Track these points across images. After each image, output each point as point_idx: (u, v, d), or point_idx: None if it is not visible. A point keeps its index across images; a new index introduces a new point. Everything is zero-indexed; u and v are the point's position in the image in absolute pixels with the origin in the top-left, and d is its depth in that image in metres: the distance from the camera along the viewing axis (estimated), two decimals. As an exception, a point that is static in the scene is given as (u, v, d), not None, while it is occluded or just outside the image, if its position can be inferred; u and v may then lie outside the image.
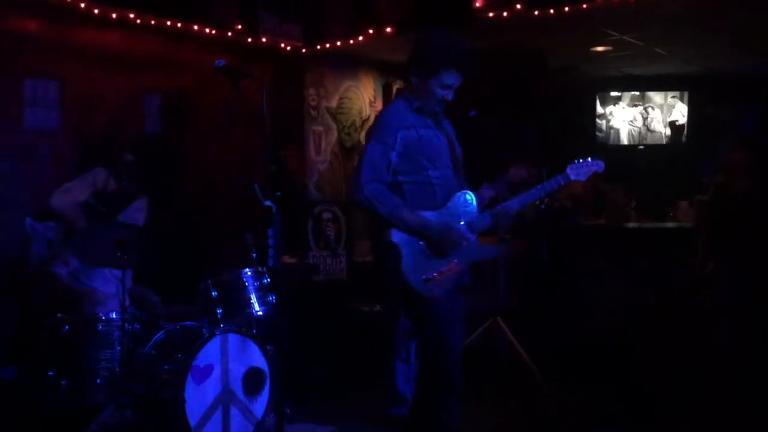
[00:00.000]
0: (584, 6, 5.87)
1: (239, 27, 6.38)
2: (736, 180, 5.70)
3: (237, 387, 4.55)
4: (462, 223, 3.63)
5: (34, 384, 4.73)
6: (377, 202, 3.50)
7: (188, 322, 4.78)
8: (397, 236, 3.52)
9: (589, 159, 4.20)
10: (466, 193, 3.72)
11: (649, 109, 8.60)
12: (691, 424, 4.87)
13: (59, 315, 4.62)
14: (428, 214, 3.59)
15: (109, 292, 5.06)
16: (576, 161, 4.16)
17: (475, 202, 3.72)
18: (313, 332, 6.22)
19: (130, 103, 6.01)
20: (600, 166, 4.22)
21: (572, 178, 4.10)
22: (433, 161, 3.64)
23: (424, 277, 3.53)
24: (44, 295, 5.24)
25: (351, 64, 7.60)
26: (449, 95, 3.70)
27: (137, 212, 5.13)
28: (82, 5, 5.44)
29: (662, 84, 8.52)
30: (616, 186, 7.85)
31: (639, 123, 8.65)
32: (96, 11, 5.55)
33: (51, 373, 4.52)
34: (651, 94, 8.58)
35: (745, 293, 5.40)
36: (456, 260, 3.61)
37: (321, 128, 7.41)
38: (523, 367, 5.77)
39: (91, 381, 4.50)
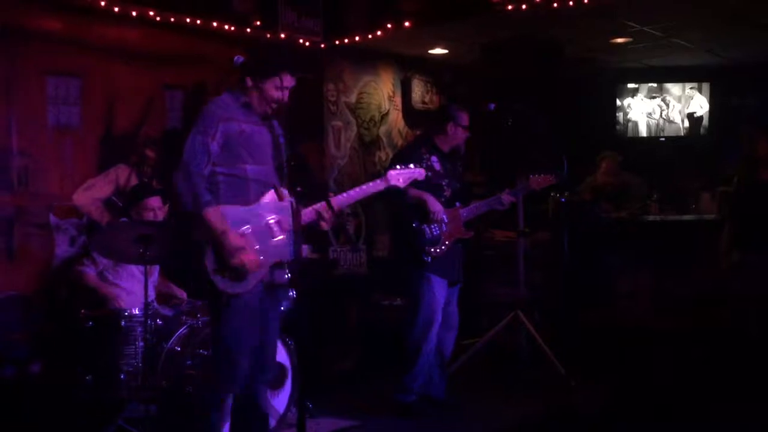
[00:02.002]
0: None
1: (258, 23, 6.39)
2: (759, 170, 5.66)
3: (259, 381, 4.57)
4: (272, 220, 3.66)
5: (60, 379, 4.77)
6: (189, 196, 3.54)
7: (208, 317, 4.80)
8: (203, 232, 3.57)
9: (411, 165, 4.23)
10: (282, 190, 3.73)
11: (668, 101, 8.54)
12: (719, 416, 4.84)
13: (83, 311, 4.65)
14: (238, 210, 3.62)
15: (136, 289, 5.09)
16: (399, 166, 4.20)
17: (289, 203, 3.70)
18: (334, 326, 6.24)
19: (151, 99, 6.04)
20: (420, 174, 4.26)
21: (392, 183, 4.15)
22: (253, 156, 3.68)
23: (225, 272, 3.56)
24: (69, 292, 5.29)
25: (370, 58, 7.59)
26: (285, 96, 3.74)
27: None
28: (103, 3, 5.47)
29: (682, 75, 8.45)
30: (637, 178, 7.81)
31: (657, 115, 8.59)
32: (116, 9, 5.58)
33: (76, 369, 4.56)
34: (669, 85, 8.51)
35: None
36: (266, 260, 3.64)
37: (340, 123, 7.41)
38: (545, 360, 5.76)
39: (115, 376, 4.52)
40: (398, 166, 4.24)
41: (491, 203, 5.29)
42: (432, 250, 4.98)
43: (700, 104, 8.45)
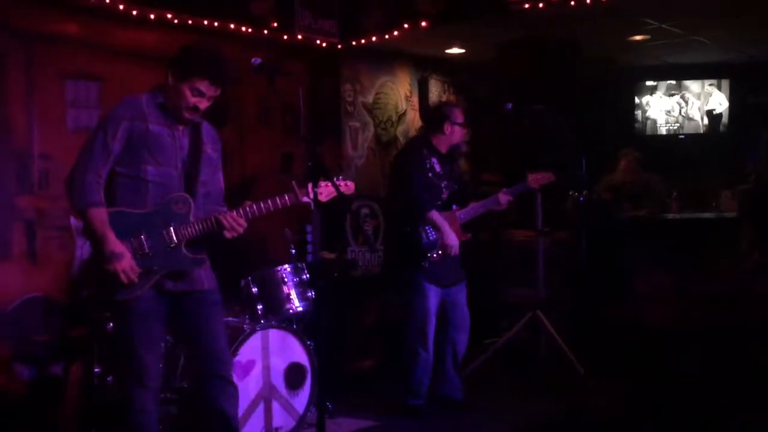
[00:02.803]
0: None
1: (275, 24, 6.41)
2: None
3: (278, 382, 4.59)
4: (170, 227, 3.52)
5: (81, 380, 4.81)
6: (75, 193, 3.44)
7: (229, 318, 4.82)
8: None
9: (341, 177, 3.95)
10: (183, 196, 3.58)
11: (687, 98, 8.48)
12: (739, 416, 4.80)
13: (104, 312, 4.68)
14: (134, 214, 3.49)
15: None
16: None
17: (187, 210, 3.57)
18: (353, 327, 6.25)
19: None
20: (351, 187, 3.95)
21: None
22: (156, 158, 3.53)
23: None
24: (90, 294, 5.33)
25: (386, 59, 7.60)
26: (201, 103, 3.56)
27: None
28: (121, 7, 5.51)
29: (701, 72, 8.39)
30: (656, 176, 7.76)
31: (676, 112, 8.54)
32: (134, 12, 5.61)
33: (97, 370, 4.59)
34: (687, 82, 8.45)
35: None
36: (154, 265, 3.50)
37: (357, 124, 7.42)
38: (564, 360, 5.73)
39: (135, 377, 4.55)
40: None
41: (488, 204, 5.21)
42: (430, 254, 4.92)
43: (719, 101, 8.39)
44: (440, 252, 4.95)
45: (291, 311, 4.82)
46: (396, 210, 5.15)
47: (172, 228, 3.53)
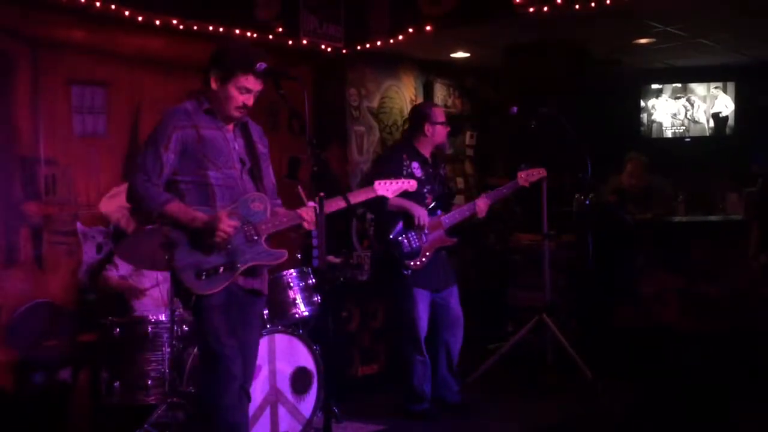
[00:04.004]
0: (626, -2, 5.81)
1: (280, 29, 6.42)
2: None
3: (285, 386, 4.59)
4: (244, 225, 3.55)
5: (88, 386, 4.82)
6: (145, 201, 3.48)
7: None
8: (173, 231, 3.49)
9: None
10: (259, 195, 3.64)
11: (693, 101, 8.47)
12: (747, 418, 4.79)
13: (110, 318, 4.70)
14: (207, 212, 3.52)
15: (158, 294, 5.14)
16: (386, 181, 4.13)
17: (264, 207, 3.63)
18: (358, 331, 6.25)
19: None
20: (412, 185, 4.18)
21: (379, 193, 4.10)
22: (215, 162, 3.57)
23: (195, 272, 3.48)
24: (97, 299, 5.35)
25: (391, 63, 7.60)
26: (249, 100, 3.63)
27: None
28: (127, 12, 5.52)
29: (706, 75, 8.38)
30: (663, 180, 7.75)
31: (681, 115, 8.52)
32: (140, 18, 5.62)
33: (104, 375, 4.60)
34: (693, 85, 8.44)
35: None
36: (236, 259, 3.54)
37: (363, 128, 7.42)
38: (572, 363, 5.72)
39: (142, 382, 4.57)
40: (385, 181, 4.12)
41: (472, 207, 5.13)
42: (411, 263, 4.88)
43: (725, 104, 8.38)
44: (423, 260, 4.92)
45: (297, 316, 4.82)
46: (377, 219, 5.13)
47: (248, 226, 3.57)
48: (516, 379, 6.05)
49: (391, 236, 4.88)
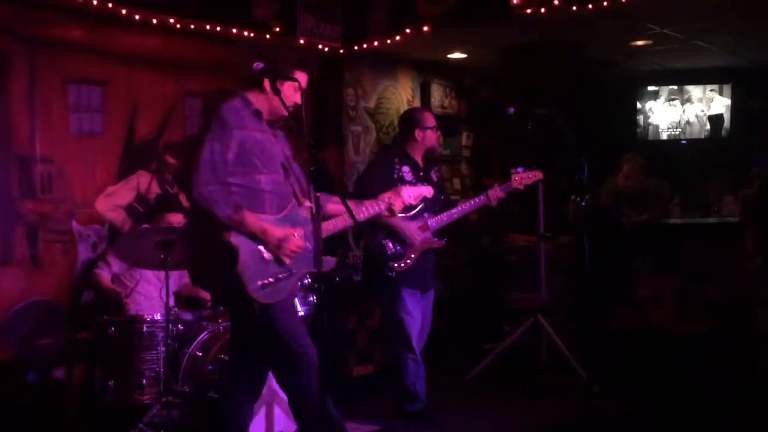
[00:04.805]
0: (623, 0, 5.81)
1: (277, 29, 6.42)
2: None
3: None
4: (296, 232, 3.55)
5: (83, 384, 4.81)
6: (216, 204, 3.40)
7: (230, 322, 4.82)
8: (235, 238, 3.42)
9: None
10: (303, 201, 3.65)
11: (688, 103, 8.48)
12: (743, 421, 4.79)
13: (105, 317, 4.69)
14: (268, 220, 3.51)
15: (152, 293, 5.13)
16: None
17: (308, 213, 3.62)
18: (354, 331, 6.25)
19: (172, 106, 6.08)
20: (429, 191, 4.27)
21: (407, 202, 4.12)
22: (267, 166, 3.56)
23: (260, 282, 3.46)
24: (92, 298, 5.34)
25: (389, 63, 7.60)
26: (299, 99, 3.66)
27: None
28: (124, 11, 5.51)
29: (702, 77, 8.39)
30: (659, 182, 7.76)
31: (678, 117, 8.54)
32: (137, 17, 5.62)
33: (99, 374, 4.59)
34: (689, 87, 8.45)
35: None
36: (294, 269, 3.56)
37: (360, 128, 7.42)
38: (567, 365, 5.72)
39: (137, 381, 4.56)
40: (408, 185, 4.17)
41: (461, 211, 5.08)
42: (396, 265, 4.86)
43: (720, 106, 8.39)
44: (408, 261, 4.91)
45: (293, 315, 4.80)
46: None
47: (300, 233, 3.55)
48: (511, 379, 6.06)
49: (376, 240, 4.87)
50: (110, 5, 5.40)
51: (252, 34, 6.25)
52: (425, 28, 6.55)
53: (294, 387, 3.62)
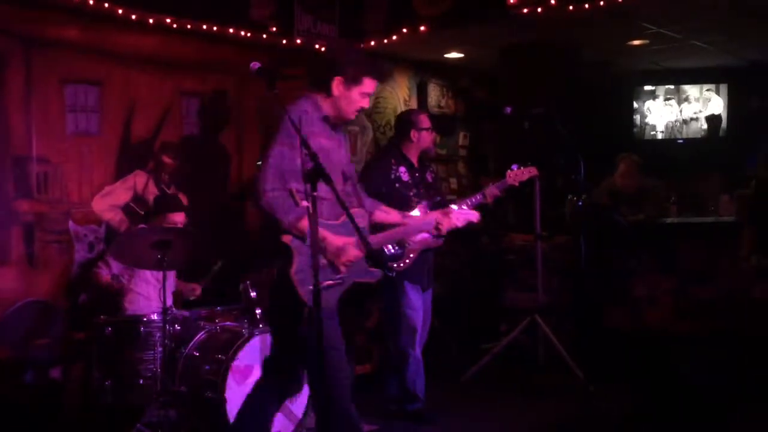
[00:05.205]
0: (620, 0, 5.81)
1: (274, 29, 6.41)
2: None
3: (277, 386, 4.57)
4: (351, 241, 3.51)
5: (80, 384, 4.81)
6: (278, 211, 3.36)
7: (227, 323, 4.83)
8: (292, 241, 3.41)
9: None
10: (357, 212, 3.61)
11: (685, 103, 8.49)
12: (740, 421, 4.80)
13: (102, 317, 4.69)
14: (328, 226, 3.48)
15: (151, 293, 5.13)
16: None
17: (365, 223, 3.63)
18: (354, 330, 6.24)
19: (168, 106, 6.08)
20: (476, 216, 4.32)
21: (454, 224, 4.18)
22: (329, 174, 3.47)
23: (310, 286, 3.38)
24: (88, 297, 5.34)
25: (386, 63, 7.60)
26: (367, 103, 3.63)
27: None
28: (120, 11, 5.51)
29: (699, 77, 8.40)
30: (655, 181, 7.77)
31: (674, 117, 8.55)
32: (134, 16, 5.62)
33: (96, 374, 4.59)
34: (686, 87, 8.46)
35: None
36: (346, 277, 3.54)
37: (356, 128, 7.42)
38: (564, 365, 5.73)
39: (134, 381, 4.56)
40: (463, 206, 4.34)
41: (481, 197, 5.05)
42: (395, 265, 4.86)
43: (717, 106, 8.40)
44: (407, 261, 4.91)
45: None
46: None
47: (353, 242, 3.51)
48: (508, 379, 6.06)
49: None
50: (107, 5, 5.40)
51: (249, 34, 6.24)
52: (422, 28, 6.55)
53: (326, 394, 3.55)
